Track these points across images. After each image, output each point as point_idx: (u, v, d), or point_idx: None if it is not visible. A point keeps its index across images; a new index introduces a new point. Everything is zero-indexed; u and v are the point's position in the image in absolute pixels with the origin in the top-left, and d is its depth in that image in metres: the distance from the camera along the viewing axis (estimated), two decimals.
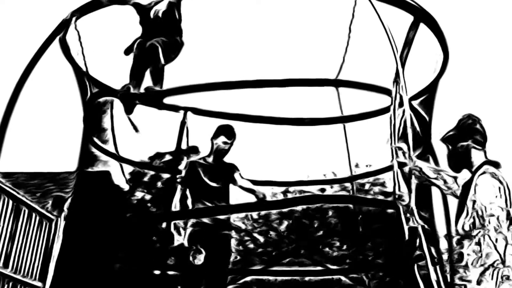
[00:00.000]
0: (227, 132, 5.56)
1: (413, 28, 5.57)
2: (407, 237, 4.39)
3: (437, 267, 5.17)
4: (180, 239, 5.27)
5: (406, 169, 4.49)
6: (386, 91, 5.31)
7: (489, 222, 4.01)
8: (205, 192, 5.43)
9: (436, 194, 5.80)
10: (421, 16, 5.45)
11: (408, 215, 4.46)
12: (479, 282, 3.82)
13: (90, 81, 5.79)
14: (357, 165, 17.50)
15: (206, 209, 5.42)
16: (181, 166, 5.76)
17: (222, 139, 5.51)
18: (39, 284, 13.08)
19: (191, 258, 5.15)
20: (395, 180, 5.27)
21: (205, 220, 5.33)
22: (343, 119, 6.74)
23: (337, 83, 6.25)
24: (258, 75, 5.02)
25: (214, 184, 5.47)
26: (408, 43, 5.59)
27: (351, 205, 9.51)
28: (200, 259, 5.14)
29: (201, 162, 5.54)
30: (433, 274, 4.29)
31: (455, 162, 4.24)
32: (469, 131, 4.21)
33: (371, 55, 6.24)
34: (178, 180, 5.54)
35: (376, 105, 6.06)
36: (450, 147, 4.29)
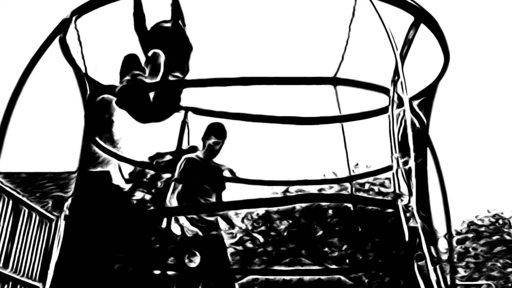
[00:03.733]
0: (217, 131, 5.53)
1: (413, 28, 5.54)
2: (407, 237, 4.38)
3: (437, 267, 5.17)
4: (189, 227, 5.19)
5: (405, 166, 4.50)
6: (385, 90, 5.30)
7: None
8: (199, 189, 5.40)
9: (435, 194, 5.80)
10: (422, 17, 5.42)
11: (408, 214, 4.46)
12: None
13: (89, 81, 5.77)
14: (357, 165, 17.57)
15: (202, 206, 5.39)
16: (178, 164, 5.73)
17: (212, 139, 5.49)
18: (39, 284, 13.07)
19: (186, 261, 5.12)
20: (394, 180, 5.27)
21: (198, 222, 5.27)
22: (341, 118, 6.70)
23: (335, 82, 6.22)
24: (256, 73, 4.99)
25: (206, 185, 5.45)
26: (407, 43, 5.56)
27: (350, 205, 9.50)
28: (195, 262, 5.11)
29: (196, 159, 5.51)
30: (433, 274, 4.28)
31: None
32: None
33: (370, 54, 6.23)
34: (173, 177, 5.49)
35: (375, 104, 6.03)
36: None
